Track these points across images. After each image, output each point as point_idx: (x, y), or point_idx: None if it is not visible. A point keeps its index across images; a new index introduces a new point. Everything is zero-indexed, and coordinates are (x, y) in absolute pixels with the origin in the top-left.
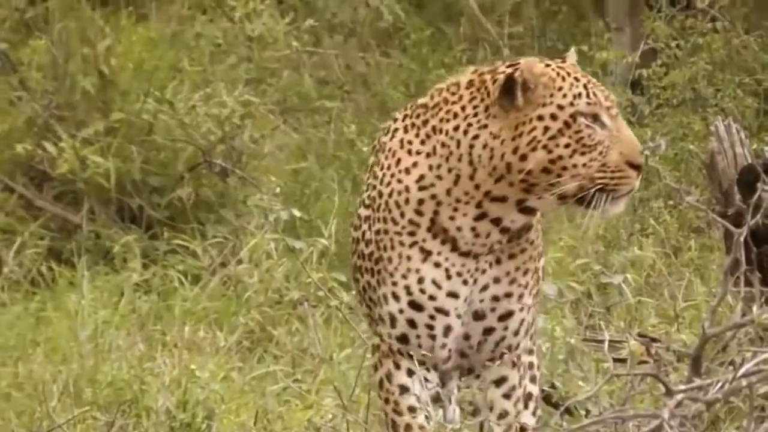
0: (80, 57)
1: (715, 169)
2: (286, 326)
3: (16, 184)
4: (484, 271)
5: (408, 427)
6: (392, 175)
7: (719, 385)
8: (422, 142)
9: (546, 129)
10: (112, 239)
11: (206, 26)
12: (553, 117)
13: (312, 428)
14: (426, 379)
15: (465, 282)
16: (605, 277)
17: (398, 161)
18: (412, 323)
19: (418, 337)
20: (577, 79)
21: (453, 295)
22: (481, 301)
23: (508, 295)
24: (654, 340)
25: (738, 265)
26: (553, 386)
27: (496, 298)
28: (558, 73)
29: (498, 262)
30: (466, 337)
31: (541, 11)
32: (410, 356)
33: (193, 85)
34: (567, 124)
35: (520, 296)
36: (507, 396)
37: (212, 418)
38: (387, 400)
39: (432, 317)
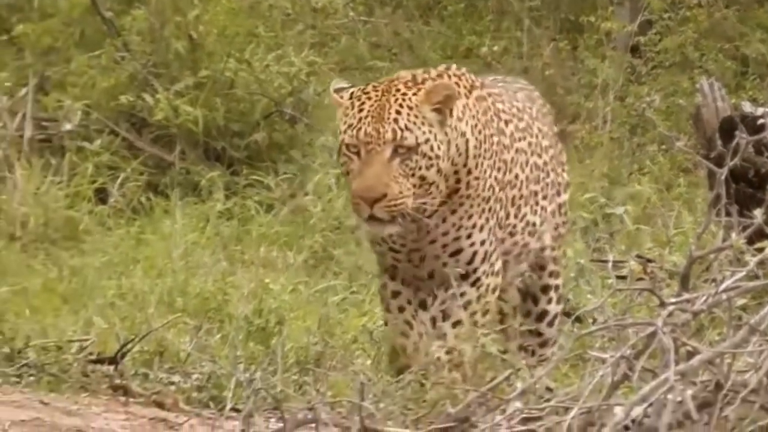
0: (173, 24)
1: (700, 120)
2: (344, 247)
3: (120, 129)
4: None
5: (394, 324)
6: None
7: (704, 298)
8: None
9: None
10: (199, 175)
11: (277, 2)
12: (337, 140)
13: (366, 332)
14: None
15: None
16: (609, 209)
17: None
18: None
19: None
20: (360, 110)
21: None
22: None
23: (456, 238)
24: (650, 260)
25: (719, 199)
26: (566, 299)
27: (445, 244)
28: (354, 104)
29: (444, 220)
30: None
31: None
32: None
33: (267, 48)
34: (339, 150)
35: (468, 236)
36: (464, 306)
37: (282, 324)
38: (382, 301)
39: None
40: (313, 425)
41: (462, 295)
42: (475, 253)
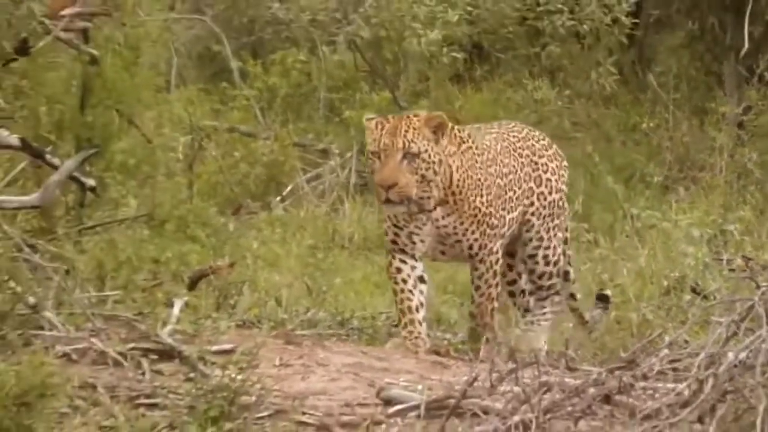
0: (444, 111)
1: None
2: None
3: None
4: (435, 221)
5: (401, 290)
6: None
7: None
8: None
9: None
10: None
11: (511, 95)
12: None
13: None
14: (413, 266)
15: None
16: (724, 226)
17: None
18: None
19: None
20: (382, 128)
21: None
22: (439, 235)
23: (454, 234)
24: (750, 259)
25: None
26: (696, 284)
27: (447, 234)
28: (377, 125)
29: (443, 217)
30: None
31: (690, 86)
32: (402, 251)
33: None
34: (367, 157)
35: (463, 234)
36: (479, 277)
37: None
38: (389, 276)
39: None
40: (535, 365)
41: (476, 269)
42: (471, 246)
